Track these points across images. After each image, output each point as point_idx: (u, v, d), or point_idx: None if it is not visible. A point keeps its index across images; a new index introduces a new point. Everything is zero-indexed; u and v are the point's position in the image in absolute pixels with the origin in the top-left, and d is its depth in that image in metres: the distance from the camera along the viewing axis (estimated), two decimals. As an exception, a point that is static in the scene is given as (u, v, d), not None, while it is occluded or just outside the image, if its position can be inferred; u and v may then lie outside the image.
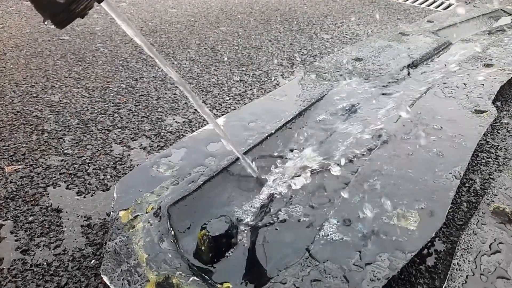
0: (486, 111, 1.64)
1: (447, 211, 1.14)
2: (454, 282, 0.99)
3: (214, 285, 0.97)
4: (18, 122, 1.72)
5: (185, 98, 1.95)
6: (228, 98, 1.96)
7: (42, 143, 1.60)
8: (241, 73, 2.23)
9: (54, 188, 1.38)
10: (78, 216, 1.27)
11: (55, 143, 1.60)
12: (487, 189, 1.37)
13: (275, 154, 1.44)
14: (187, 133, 1.67)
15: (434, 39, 2.45)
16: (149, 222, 1.11)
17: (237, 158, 1.32)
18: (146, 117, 1.79)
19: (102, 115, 1.79)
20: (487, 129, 1.61)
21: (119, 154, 1.55)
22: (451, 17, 2.87)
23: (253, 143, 1.43)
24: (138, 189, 1.23)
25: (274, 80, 2.17)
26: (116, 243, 1.06)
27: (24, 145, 1.58)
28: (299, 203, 1.22)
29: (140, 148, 1.59)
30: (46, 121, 1.73)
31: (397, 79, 1.96)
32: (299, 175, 1.32)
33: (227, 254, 1.07)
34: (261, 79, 2.17)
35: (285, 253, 1.07)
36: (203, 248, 1.05)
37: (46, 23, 0.84)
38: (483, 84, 1.87)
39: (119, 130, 1.70)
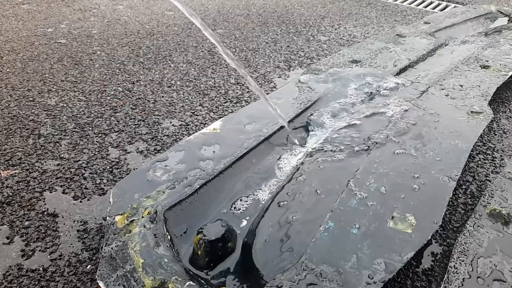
0: (483, 113, 1.64)
1: (443, 213, 1.14)
2: (450, 284, 0.99)
3: (210, 290, 0.97)
4: (15, 126, 1.72)
5: (182, 101, 1.95)
6: (225, 101, 1.96)
7: (38, 147, 1.59)
8: (238, 75, 2.22)
9: (50, 192, 1.38)
10: (74, 221, 1.27)
11: (52, 147, 1.60)
12: (483, 191, 1.37)
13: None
14: (183, 137, 1.67)
15: (431, 41, 2.45)
16: (145, 226, 1.11)
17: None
18: (143, 121, 1.79)
19: (99, 119, 1.79)
20: (484, 130, 1.61)
21: (115, 158, 1.55)
22: (448, 19, 2.88)
23: (249, 146, 1.44)
24: (135, 193, 1.23)
25: (271, 82, 2.17)
26: (112, 248, 1.06)
27: (21, 149, 1.58)
28: (297, 210, 1.22)
29: (137, 152, 1.59)
30: (43, 125, 1.73)
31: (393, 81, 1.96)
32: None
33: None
34: (258, 81, 2.17)
35: (282, 257, 1.07)
36: (199, 252, 1.05)
37: None
38: (479, 85, 1.87)
39: (116, 133, 1.69)
